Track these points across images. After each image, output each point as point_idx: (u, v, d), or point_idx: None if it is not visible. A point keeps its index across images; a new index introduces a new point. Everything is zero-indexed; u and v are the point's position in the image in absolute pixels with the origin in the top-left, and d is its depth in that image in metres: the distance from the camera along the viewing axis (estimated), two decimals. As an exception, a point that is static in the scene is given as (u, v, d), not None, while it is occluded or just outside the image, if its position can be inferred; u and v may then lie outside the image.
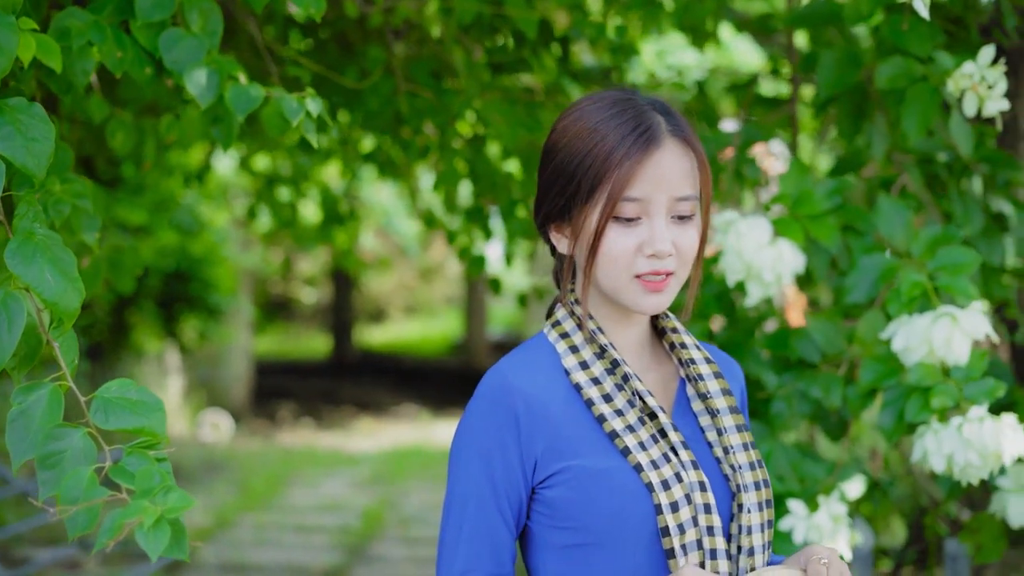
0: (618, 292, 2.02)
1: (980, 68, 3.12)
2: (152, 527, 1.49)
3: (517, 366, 2.04)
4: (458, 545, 2.00)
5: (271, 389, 18.05)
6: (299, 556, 8.62)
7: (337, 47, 4.45)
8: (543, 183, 2.07)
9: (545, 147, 2.08)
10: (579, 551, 1.99)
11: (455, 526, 2.01)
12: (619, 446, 1.99)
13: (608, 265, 2.00)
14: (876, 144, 3.47)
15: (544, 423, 1.99)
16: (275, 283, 25.09)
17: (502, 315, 24.00)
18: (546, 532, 2.02)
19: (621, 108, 2.02)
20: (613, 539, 1.97)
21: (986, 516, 3.52)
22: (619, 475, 1.97)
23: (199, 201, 10.74)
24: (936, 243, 3.04)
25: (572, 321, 2.08)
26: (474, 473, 2.00)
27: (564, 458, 1.98)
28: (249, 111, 2.37)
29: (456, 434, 2.04)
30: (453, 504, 2.02)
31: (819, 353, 3.15)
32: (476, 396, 2.03)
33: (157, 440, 1.70)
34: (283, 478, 11.61)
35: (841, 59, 3.33)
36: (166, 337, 12.44)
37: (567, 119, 2.06)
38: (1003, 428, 2.73)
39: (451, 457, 2.05)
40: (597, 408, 2.01)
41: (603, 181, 1.97)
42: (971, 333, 2.80)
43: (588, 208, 1.99)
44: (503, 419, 1.98)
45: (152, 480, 1.58)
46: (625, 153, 1.97)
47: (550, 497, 2.00)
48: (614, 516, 1.96)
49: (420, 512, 10.15)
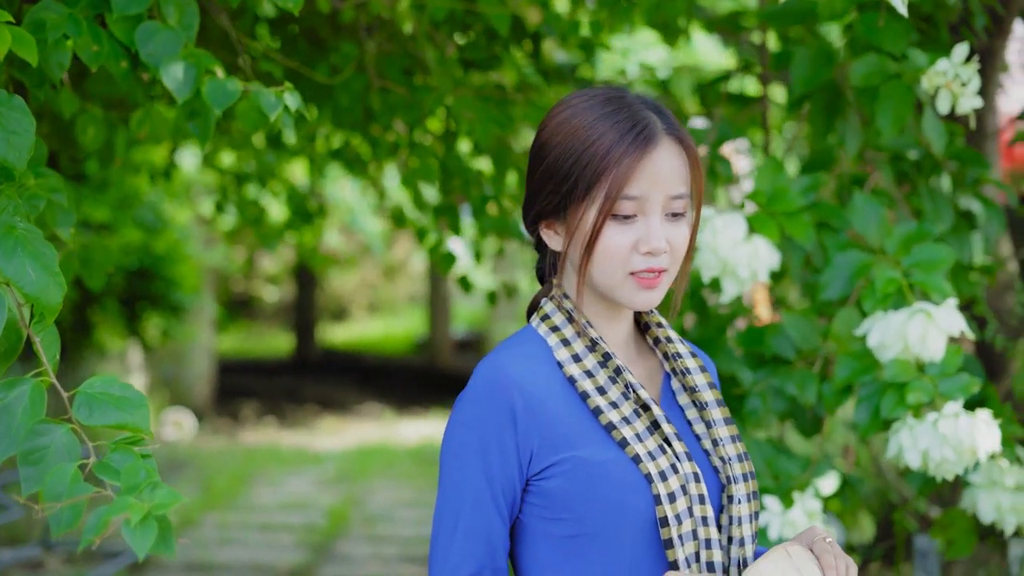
0: (612, 288, 2.03)
1: (954, 66, 3.13)
2: (139, 524, 1.48)
3: (512, 358, 2.02)
4: (453, 540, 1.98)
5: (234, 387, 17.96)
6: (264, 555, 8.58)
7: (307, 43, 4.43)
8: (536, 180, 2.07)
9: (536, 144, 2.08)
10: (573, 543, 1.99)
11: (450, 521, 1.99)
12: (616, 438, 1.99)
13: (604, 262, 2.01)
14: (849, 141, 3.48)
15: (541, 415, 1.99)
16: (237, 281, 24.98)
17: (466, 313, 23.96)
18: (539, 524, 2.01)
19: (616, 106, 2.03)
20: (610, 530, 1.98)
21: (957, 512, 3.54)
22: (618, 466, 1.98)
23: (162, 199, 10.67)
24: (910, 240, 3.06)
25: (561, 315, 2.08)
26: (470, 466, 1.98)
27: (562, 449, 1.98)
28: (227, 105, 2.35)
29: (450, 427, 2.03)
30: (448, 498, 2.01)
31: (794, 349, 3.16)
32: (471, 388, 2.01)
33: (141, 436, 1.68)
34: (247, 477, 11.55)
35: (815, 56, 3.34)
36: (129, 335, 12.36)
37: (559, 116, 2.05)
38: (978, 424, 2.75)
39: (445, 450, 2.03)
40: (593, 400, 2.01)
41: (601, 179, 1.98)
42: (946, 329, 2.82)
43: (585, 205, 2.00)
44: (500, 411, 1.97)
45: (138, 476, 1.56)
46: (624, 151, 1.98)
47: (547, 488, 1.99)
48: (614, 507, 1.97)
49: (385, 510, 10.12)
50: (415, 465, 12.29)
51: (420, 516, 9.87)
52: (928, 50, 3.42)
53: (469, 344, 21.49)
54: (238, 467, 12.01)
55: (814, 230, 3.21)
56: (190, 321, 13.98)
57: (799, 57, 3.35)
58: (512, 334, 2.12)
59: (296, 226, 6.50)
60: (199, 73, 2.36)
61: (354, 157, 5.63)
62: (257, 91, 2.39)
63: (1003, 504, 3.29)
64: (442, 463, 2.03)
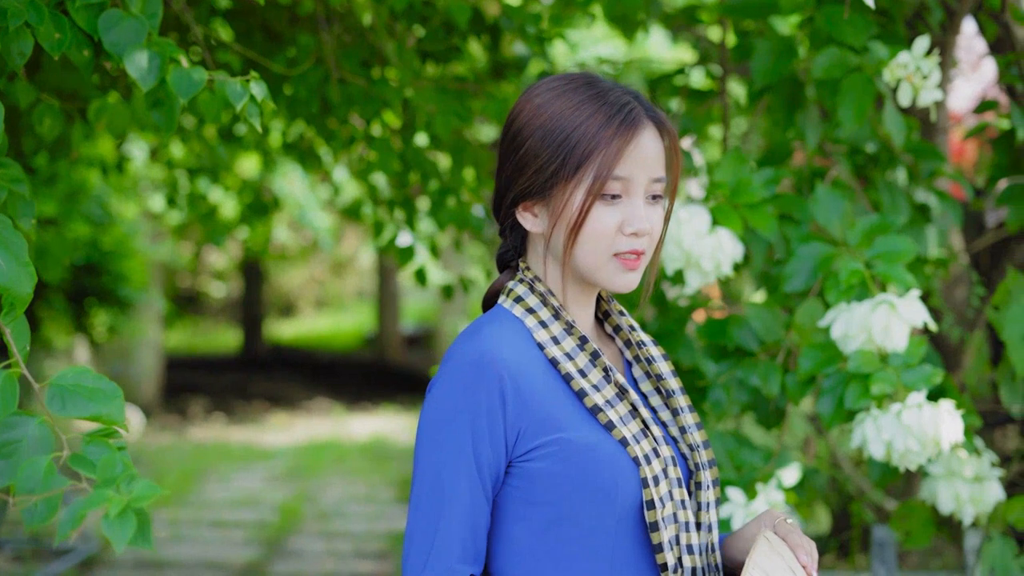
0: (595, 269, 2.03)
1: (915, 58, 3.15)
2: (118, 517, 1.45)
3: (495, 338, 1.99)
4: (439, 523, 1.94)
5: (181, 384, 17.83)
6: (216, 552, 8.53)
7: (263, 35, 4.40)
8: (515, 161, 2.05)
9: (513, 126, 2.07)
10: (553, 527, 1.98)
11: (434, 504, 1.94)
12: (602, 420, 1.99)
13: (589, 243, 2.01)
14: (809, 134, 3.49)
15: (528, 395, 1.97)
16: (184, 277, 24.80)
17: (415, 309, 23.92)
18: (517, 507, 1.99)
19: (598, 89, 2.03)
20: (594, 513, 1.97)
21: (915, 503, 3.56)
22: (606, 449, 1.97)
23: (109, 193, 10.57)
24: (873, 232, 3.07)
25: (535, 297, 2.06)
26: (456, 447, 1.94)
27: (549, 431, 1.97)
28: (193, 95, 2.32)
29: (432, 406, 1.98)
30: (432, 482, 1.96)
31: (757, 341, 3.16)
32: (455, 369, 1.98)
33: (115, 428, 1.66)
34: (196, 473, 11.47)
35: (776, 49, 3.35)
36: (76, 331, 12.23)
37: (539, 97, 2.05)
38: (941, 414, 2.76)
39: (426, 430, 1.98)
40: (577, 383, 2.00)
41: (589, 158, 1.98)
42: (909, 320, 2.83)
43: (572, 186, 1.99)
44: (491, 391, 1.94)
45: (115, 469, 1.53)
46: (614, 131, 1.98)
47: (532, 471, 1.97)
48: (602, 489, 1.96)
49: (337, 506, 10.09)
50: (366, 461, 12.25)
51: (373, 512, 9.84)
52: (885, 44, 3.44)
53: (418, 339, 21.46)
54: (187, 464, 11.93)
55: (777, 222, 3.21)
56: (137, 317, 13.87)
57: (760, 50, 3.35)
58: (482, 316, 2.09)
59: (249, 221, 6.44)
60: (163, 62, 2.33)
61: (308, 151, 5.59)
62: (223, 81, 2.37)
63: (962, 495, 3.31)
64: (420, 443, 1.99)
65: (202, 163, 6.46)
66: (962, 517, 3.35)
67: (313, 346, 24.09)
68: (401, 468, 11.75)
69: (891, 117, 3.33)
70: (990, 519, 3.53)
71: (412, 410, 15.71)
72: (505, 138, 2.09)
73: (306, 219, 12.96)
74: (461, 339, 2.02)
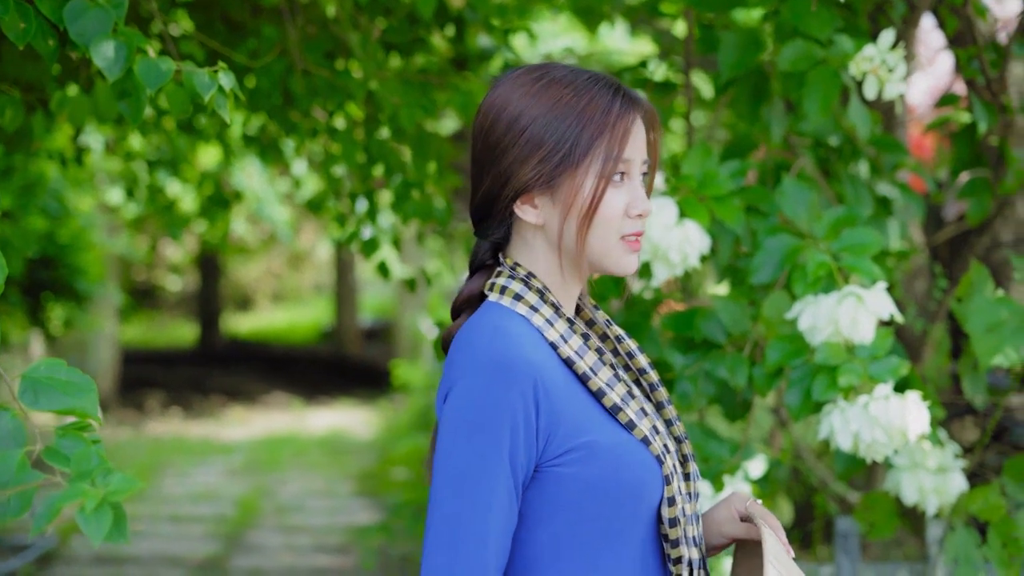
0: (604, 254, 2.00)
1: (880, 51, 3.17)
2: (94, 511, 1.44)
3: (518, 336, 1.93)
4: (475, 529, 1.84)
5: (138, 378, 17.74)
6: (175, 546, 8.49)
7: (224, 26, 4.37)
8: (514, 154, 1.97)
9: (505, 119, 1.98)
10: (579, 530, 1.92)
11: (469, 512, 1.85)
12: (622, 420, 1.95)
13: (601, 227, 1.98)
14: (775, 127, 3.50)
15: (555, 397, 1.90)
16: (140, 270, 24.66)
17: (373, 302, 23.87)
18: (543, 511, 1.92)
19: (587, 75, 2.00)
20: (621, 514, 1.93)
21: (879, 494, 3.58)
22: (632, 448, 1.94)
23: (65, 186, 10.48)
24: (839, 224, 3.08)
25: (533, 294, 2.00)
26: (494, 451, 1.86)
27: (578, 434, 1.91)
28: (160, 85, 2.29)
29: (462, 408, 1.89)
30: (466, 487, 1.86)
31: (724, 333, 3.17)
32: (484, 367, 1.89)
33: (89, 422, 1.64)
34: (154, 468, 11.41)
35: (742, 42, 3.35)
36: (31, 325, 12.13)
37: (528, 86, 1.98)
38: (908, 406, 2.78)
39: (457, 434, 1.88)
40: (594, 382, 1.95)
41: (597, 142, 1.95)
42: (876, 312, 2.84)
43: (581, 171, 1.96)
44: (524, 392, 1.87)
45: (90, 462, 1.52)
46: (617, 113, 1.96)
47: (562, 475, 1.90)
48: (631, 489, 1.93)
49: (296, 500, 10.06)
50: (325, 454, 12.23)
51: (331, 505, 9.82)
52: (849, 37, 3.45)
53: (376, 333, 21.40)
54: (145, 459, 11.87)
55: (743, 214, 3.22)
56: (94, 311, 13.76)
57: (727, 42, 3.35)
58: (483, 313, 1.99)
59: (209, 214, 6.40)
60: (130, 52, 2.30)
61: (269, 144, 5.56)
62: (191, 71, 2.34)
63: (925, 485, 3.34)
64: (455, 449, 1.88)
65: (160, 155, 6.42)
66: (926, 508, 3.37)
67: (271, 340, 24.01)
68: (359, 462, 11.74)
69: (856, 110, 3.35)
70: (953, 510, 3.56)
71: (370, 403, 15.70)
72: (493, 132, 2.00)
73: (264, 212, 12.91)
74: (477, 338, 1.93)
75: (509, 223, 2.04)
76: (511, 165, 1.97)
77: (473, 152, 2.06)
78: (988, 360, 3.26)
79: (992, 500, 3.55)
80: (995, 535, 3.52)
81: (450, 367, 1.94)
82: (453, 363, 1.93)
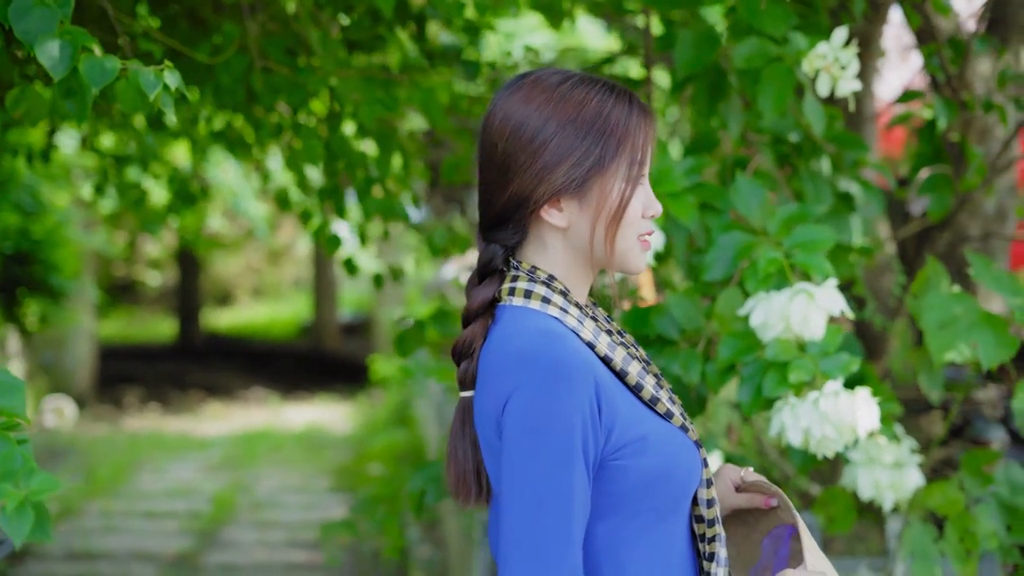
0: (626, 254, 2.08)
1: (833, 49, 3.18)
2: (15, 511, 1.44)
3: (568, 338, 1.97)
4: (571, 535, 1.90)
5: (116, 374, 17.71)
6: (148, 542, 8.49)
7: (188, 23, 4.36)
8: (544, 160, 2.01)
9: (531, 126, 2.02)
10: (636, 521, 2.01)
11: (559, 516, 1.89)
12: (661, 411, 2.04)
13: (625, 228, 2.06)
14: (732, 124, 3.51)
15: (610, 393, 1.97)
16: (119, 266, 24.59)
17: (352, 298, 23.86)
18: (602, 504, 1.98)
19: (602, 82, 2.07)
20: (671, 502, 2.03)
21: (837, 489, 3.60)
22: (676, 436, 2.05)
23: (40, 182, 10.46)
24: (792, 221, 3.09)
25: (558, 296, 2.04)
26: (570, 453, 1.90)
27: (632, 427, 1.98)
28: (105, 83, 2.29)
29: (531, 414, 1.92)
30: (549, 491, 1.90)
31: (678, 330, 3.18)
32: (544, 371, 1.92)
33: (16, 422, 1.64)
34: (130, 464, 11.40)
35: (698, 39, 3.36)
36: (6, 321, 12.10)
37: (552, 92, 2.03)
38: (857, 402, 2.79)
39: (530, 439, 1.91)
40: (632, 377, 2.03)
41: (622, 147, 2.03)
42: (827, 309, 2.86)
43: (610, 174, 2.03)
44: (588, 392, 1.92)
45: (14, 463, 1.52)
46: (637, 117, 2.05)
47: (621, 468, 1.97)
48: (680, 477, 2.04)
49: (272, 496, 10.06)
50: (301, 450, 12.23)
51: (307, 501, 9.83)
52: (808, 34, 3.46)
53: (355, 328, 21.39)
54: (121, 454, 11.85)
55: (698, 211, 3.23)
56: (70, 306, 13.73)
57: (682, 40, 3.36)
58: (517, 317, 2.02)
59: (178, 209, 6.39)
60: (75, 51, 2.30)
61: (237, 139, 5.56)
62: (136, 70, 2.34)
63: (881, 481, 3.36)
64: (531, 454, 1.91)
65: (128, 151, 6.41)
66: (882, 503, 3.40)
67: (250, 335, 23.98)
68: (336, 457, 11.74)
69: (811, 107, 3.36)
70: (910, 505, 3.58)
71: (348, 399, 15.70)
72: (518, 138, 2.03)
73: (240, 207, 12.90)
74: (527, 343, 1.96)
75: (525, 227, 2.08)
76: (542, 170, 2.02)
77: (492, 158, 2.07)
78: (941, 356, 3.28)
79: (951, 495, 3.58)
80: (952, 530, 3.54)
81: (502, 377, 1.96)
82: (502, 371, 1.96)
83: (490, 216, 2.08)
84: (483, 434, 2.01)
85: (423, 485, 3.67)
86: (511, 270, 2.08)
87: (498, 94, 2.10)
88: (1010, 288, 3.46)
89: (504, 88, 2.10)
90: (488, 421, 1.98)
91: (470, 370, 2.05)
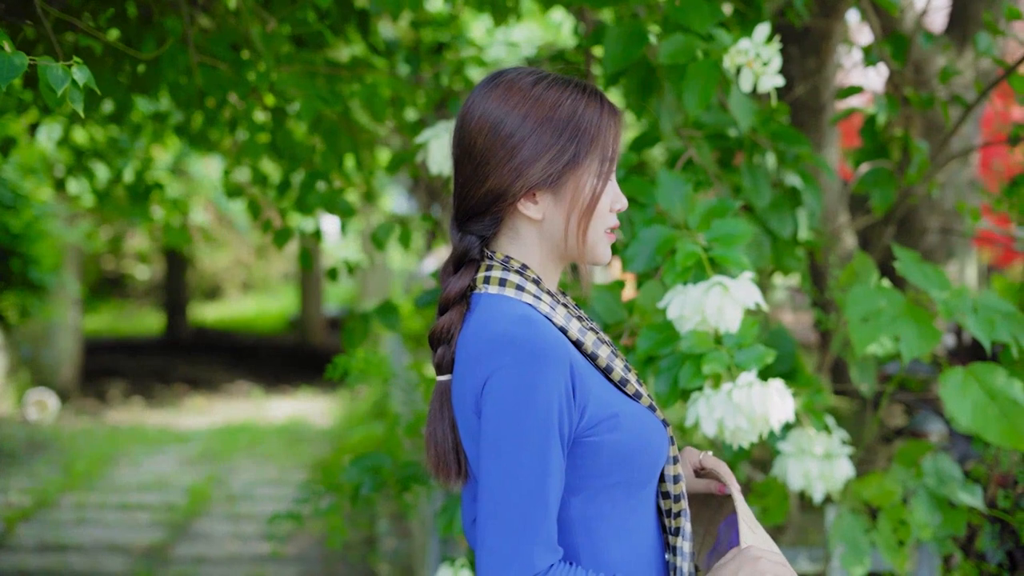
0: (594, 246, 2.18)
1: (755, 45, 3.21)
2: None
3: (544, 322, 2.06)
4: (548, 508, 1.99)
5: (101, 367, 17.74)
6: (121, 535, 8.51)
7: (139, 17, 4.38)
8: (523, 155, 2.10)
9: (510, 122, 2.10)
10: (607, 495, 2.10)
11: (536, 488, 1.98)
12: (630, 392, 2.15)
13: (595, 221, 2.15)
14: (664, 119, 3.54)
15: (583, 374, 2.06)
16: (107, 260, 24.61)
17: (338, 292, 23.88)
18: (575, 480, 2.07)
19: (574, 81, 2.16)
20: (643, 477, 2.13)
21: (772, 480, 3.63)
22: (645, 415, 2.14)
23: (19, 175, 10.47)
24: (711, 215, 3.12)
25: (531, 284, 2.13)
26: (547, 429, 1.99)
27: (604, 406, 2.07)
28: (11, 79, 2.32)
29: (511, 391, 1.99)
30: (526, 465, 1.98)
31: (601, 322, 3.21)
32: (522, 354, 2.00)
33: None
34: (109, 457, 11.42)
35: (626, 35, 3.38)
36: (-14, 315, 12.14)
37: (529, 90, 2.12)
38: (770, 393, 2.82)
39: (509, 416, 1.98)
40: (602, 360, 2.13)
41: (595, 143, 2.12)
42: (742, 302, 2.88)
43: (583, 169, 2.12)
44: (563, 371, 2.01)
45: None
46: (608, 115, 2.14)
47: (595, 444, 2.06)
48: (651, 453, 2.13)
49: (247, 488, 10.09)
50: (281, 443, 12.25)
51: (281, 493, 9.85)
52: (746, 31, 3.49)
53: (340, 322, 21.41)
54: (101, 447, 11.87)
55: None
56: (52, 300, 13.75)
57: (610, 35, 3.39)
58: (492, 304, 2.10)
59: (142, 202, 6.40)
60: (-16, 47, 2.33)
61: (198, 133, 5.58)
62: (44, 66, 2.37)
63: (811, 471, 3.39)
64: (511, 434, 1.99)
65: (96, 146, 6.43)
66: (812, 494, 3.43)
67: (238, 329, 24.01)
68: (314, 450, 11.77)
69: (737, 102, 3.39)
70: (843, 496, 3.61)
71: (330, 392, 15.72)
72: (497, 134, 2.11)
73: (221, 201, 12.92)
74: (504, 327, 2.03)
75: (500, 219, 2.16)
76: (520, 166, 2.10)
77: (470, 154, 2.15)
78: (863, 348, 3.31)
79: (886, 486, 3.61)
80: (885, 520, 3.58)
81: (481, 360, 2.03)
82: (481, 355, 2.03)
83: (466, 208, 2.17)
84: (461, 415, 2.09)
85: (358, 477, 3.70)
86: (485, 260, 2.17)
87: (474, 93, 2.17)
88: (937, 283, 3.49)
89: (479, 87, 2.17)
90: (467, 402, 2.06)
91: (448, 355, 2.13)
